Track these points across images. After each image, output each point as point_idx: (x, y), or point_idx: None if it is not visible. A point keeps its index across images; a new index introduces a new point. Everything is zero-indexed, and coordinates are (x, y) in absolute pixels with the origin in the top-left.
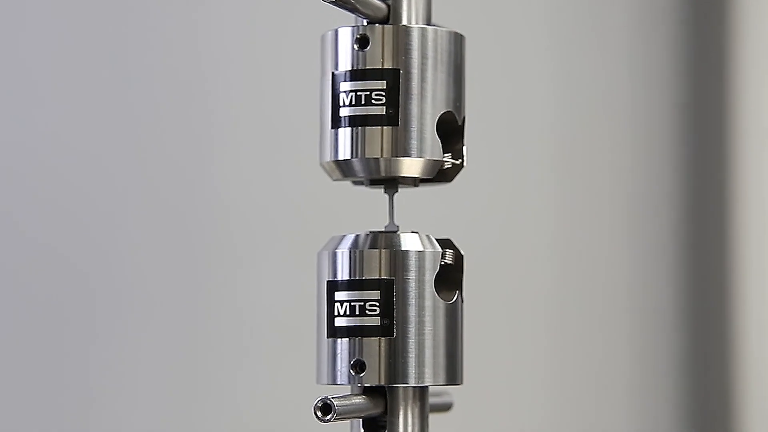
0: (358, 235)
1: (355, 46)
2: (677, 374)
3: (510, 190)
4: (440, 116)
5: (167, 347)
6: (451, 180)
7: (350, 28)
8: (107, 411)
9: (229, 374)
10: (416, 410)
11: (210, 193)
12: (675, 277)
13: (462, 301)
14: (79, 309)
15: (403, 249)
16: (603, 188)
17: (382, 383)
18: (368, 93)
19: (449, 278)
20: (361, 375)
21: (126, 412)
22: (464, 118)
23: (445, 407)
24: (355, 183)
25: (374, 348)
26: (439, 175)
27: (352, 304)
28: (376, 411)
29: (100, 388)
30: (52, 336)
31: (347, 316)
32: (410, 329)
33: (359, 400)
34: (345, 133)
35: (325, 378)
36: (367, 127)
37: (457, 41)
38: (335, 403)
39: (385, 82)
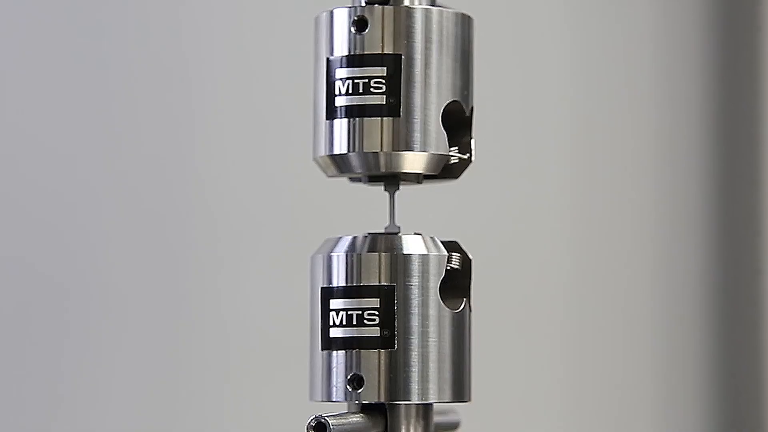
0: (355, 237)
1: (353, 29)
2: (705, 391)
3: (523, 187)
4: (446, 106)
5: (143, 361)
6: (458, 176)
7: (347, 9)
8: None
9: (212, 391)
10: (419, 430)
11: (191, 190)
12: (703, 286)
13: (470, 310)
14: (47, 320)
15: (405, 252)
16: (625, 186)
17: (382, 400)
18: (367, 80)
19: (456, 285)
20: (359, 391)
21: None
22: (472, 108)
23: (452, 426)
24: (352, 180)
25: (373, 361)
26: (445, 171)
27: (349, 313)
28: (375, 431)
29: (70, 408)
30: (19, 347)
31: (343, 326)
32: (413, 341)
33: (357, 418)
34: (341, 125)
35: (319, 394)
36: (365, 118)
37: (465, 23)
38: (330, 422)
39: (385, 68)
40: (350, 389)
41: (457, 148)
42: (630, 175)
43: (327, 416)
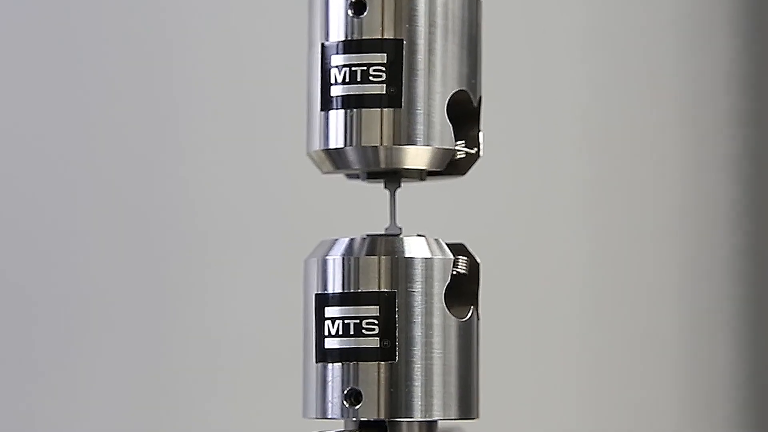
0: (352, 239)
1: (350, 12)
2: (735, 408)
3: (536, 184)
4: (451, 96)
5: (122, 375)
6: (465, 173)
7: None
8: None
9: (197, 408)
10: None
11: (173, 190)
12: (732, 294)
13: (478, 319)
14: (19, 329)
15: (406, 256)
16: (647, 181)
17: (382, 417)
18: (365, 68)
19: (462, 291)
20: (357, 407)
21: None
22: (480, 98)
23: None
24: (350, 176)
25: (372, 375)
26: (451, 166)
27: (346, 322)
28: None
29: (46, 425)
30: None
31: (340, 336)
32: (415, 352)
33: None
34: (337, 117)
35: (313, 411)
36: (363, 110)
37: (472, 6)
38: None
39: (385, 54)
40: (347, 405)
41: (463, 141)
42: (652, 170)
43: None
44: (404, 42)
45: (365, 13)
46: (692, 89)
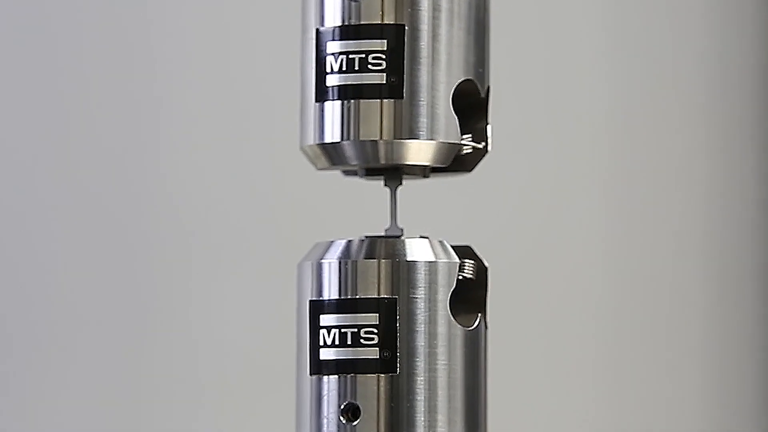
0: (350, 242)
1: None
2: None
3: (549, 182)
4: (457, 86)
5: (100, 389)
6: (472, 169)
7: None
8: None
9: (181, 425)
10: None
11: (154, 189)
12: (761, 299)
13: (486, 328)
14: None
15: (408, 259)
16: (670, 180)
17: None
18: (363, 56)
19: (469, 297)
20: (355, 423)
21: None
22: (489, 88)
23: None
24: (347, 173)
25: (371, 388)
26: (456, 162)
27: (343, 331)
28: None
29: None
30: None
31: (336, 346)
32: (418, 364)
33: None
34: (333, 108)
35: (307, 427)
36: (361, 101)
37: None
38: None
39: (385, 41)
40: (344, 421)
41: (470, 135)
42: (677, 168)
43: None
44: (406, 27)
45: None
46: (718, 78)
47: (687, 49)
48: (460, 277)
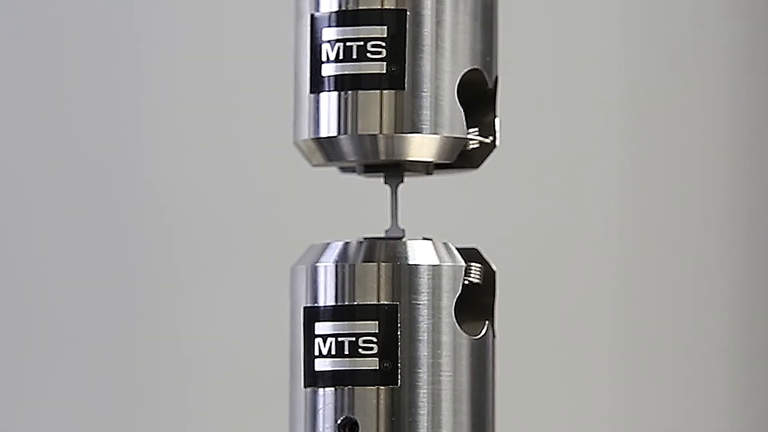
0: (347, 243)
1: None
2: None
3: (560, 180)
4: (463, 76)
5: (82, 398)
6: (479, 165)
7: None
8: None
9: None
10: None
11: (139, 187)
12: None
13: (494, 336)
14: None
15: (410, 262)
16: (692, 176)
17: None
18: (362, 43)
19: (476, 304)
20: None
21: None
22: (497, 79)
23: None
24: (344, 170)
25: (370, 402)
26: (462, 158)
27: (340, 339)
28: None
29: None
30: None
31: (333, 356)
32: (420, 375)
33: None
34: (329, 100)
35: None
36: (360, 92)
37: None
38: None
39: (385, 27)
40: None
41: (476, 129)
42: (698, 164)
43: None
44: (408, 12)
45: None
46: (741, 67)
47: (709, 36)
48: (466, 282)
